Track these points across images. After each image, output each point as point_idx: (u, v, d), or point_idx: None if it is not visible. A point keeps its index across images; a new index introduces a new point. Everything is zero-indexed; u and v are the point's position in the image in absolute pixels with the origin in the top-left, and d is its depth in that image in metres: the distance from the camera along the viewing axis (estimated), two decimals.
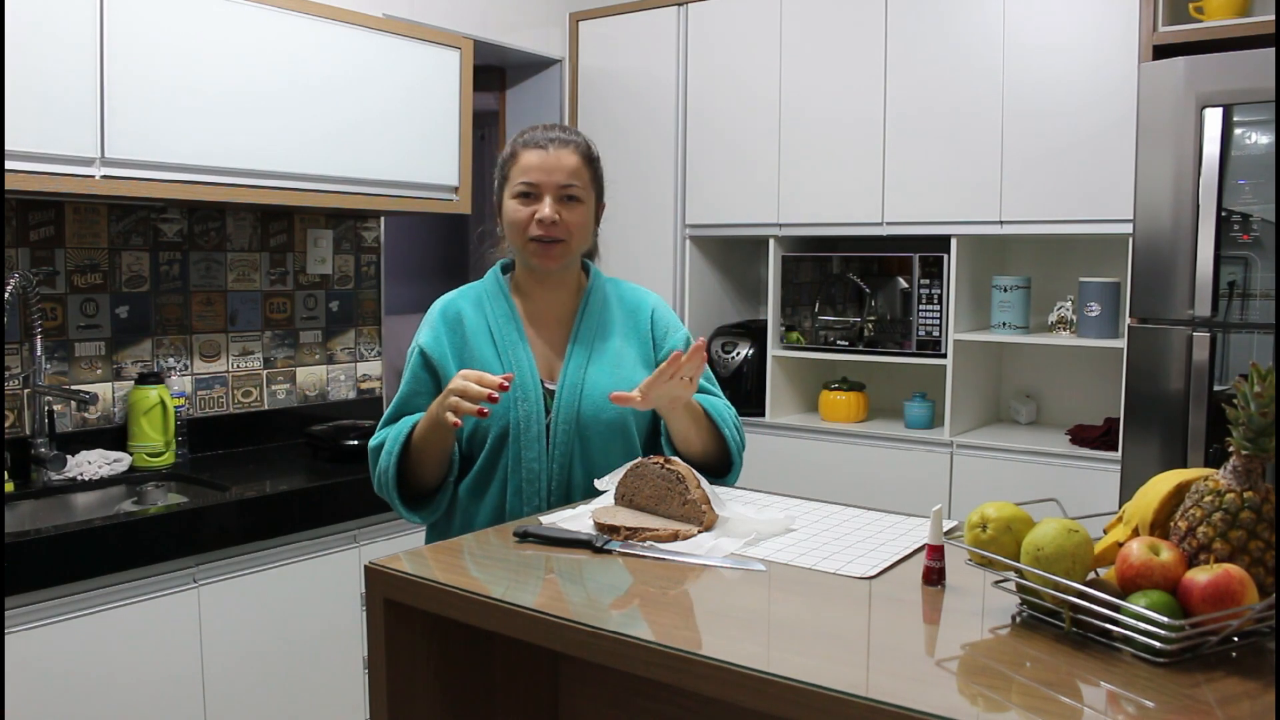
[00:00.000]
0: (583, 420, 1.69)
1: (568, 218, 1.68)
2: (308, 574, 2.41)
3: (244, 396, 2.94)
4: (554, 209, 1.67)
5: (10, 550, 1.89)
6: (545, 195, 1.67)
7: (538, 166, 1.68)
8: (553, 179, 1.67)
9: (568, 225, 1.69)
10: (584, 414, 1.69)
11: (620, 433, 1.73)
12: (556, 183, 1.68)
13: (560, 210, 1.68)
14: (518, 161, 1.70)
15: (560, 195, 1.68)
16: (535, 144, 1.69)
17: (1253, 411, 1.04)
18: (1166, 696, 0.91)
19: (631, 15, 3.69)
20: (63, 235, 2.54)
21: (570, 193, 1.69)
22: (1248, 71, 2.40)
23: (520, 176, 1.69)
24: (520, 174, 1.69)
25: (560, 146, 1.69)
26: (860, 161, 3.23)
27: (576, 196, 1.69)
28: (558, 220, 1.67)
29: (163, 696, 2.15)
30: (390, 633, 1.29)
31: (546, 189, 1.67)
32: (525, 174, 1.68)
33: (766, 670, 0.96)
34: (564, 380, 1.71)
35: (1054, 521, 1.08)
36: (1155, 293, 2.56)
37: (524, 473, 1.68)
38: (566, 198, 1.69)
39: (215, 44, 2.42)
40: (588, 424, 1.70)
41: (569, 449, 1.69)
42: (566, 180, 1.68)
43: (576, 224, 1.70)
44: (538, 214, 1.67)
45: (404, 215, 3.17)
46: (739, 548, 1.37)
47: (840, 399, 3.40)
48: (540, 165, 1.68)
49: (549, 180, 1.67)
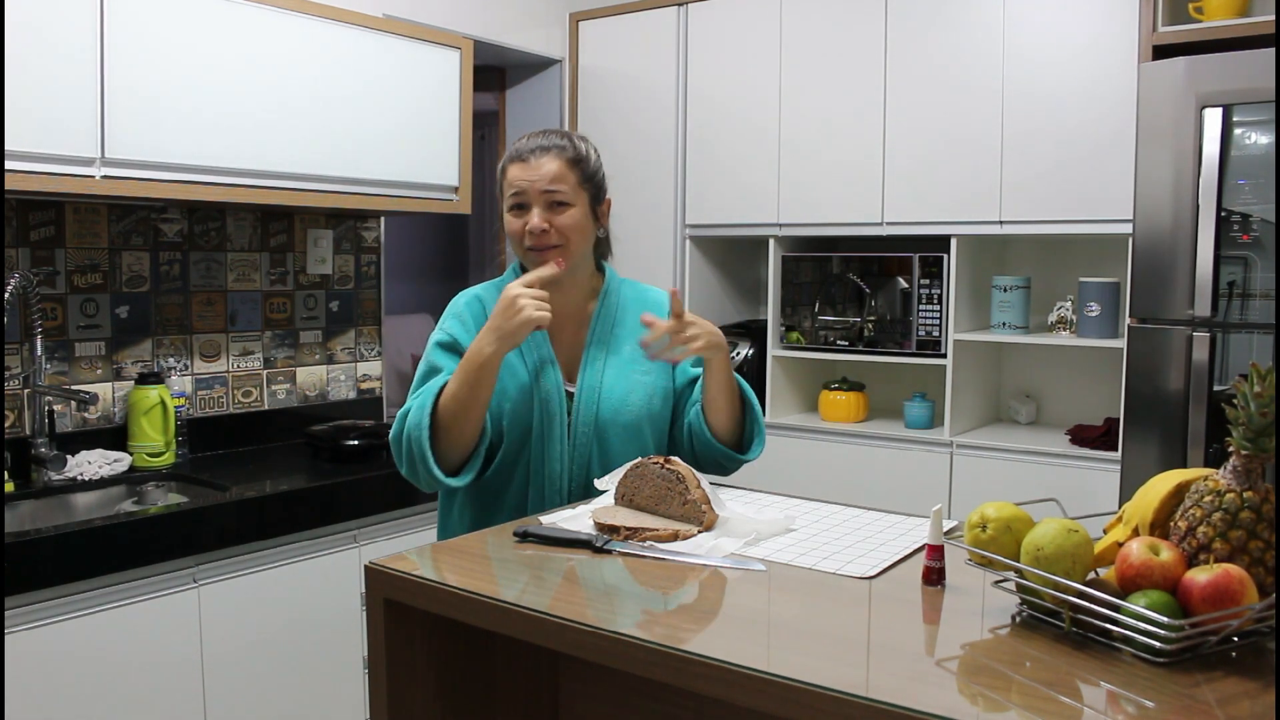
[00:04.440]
0: (601, 422, 1.74)
1: (558, 223, 1.71)
2: (308, 574, 2.41)
3: (244, 396, 2.95)
4: (542, 217, 1.70)
5: (10, 550, 1.89)
6: (533, 204, 1.71)
7: (521, 177, 1.72)
8: (536, 186, 1.71)
9: (560, 230, 1.71)
10: (602, 416, 1.74)
11: (635, 433, 1.76)
12: (540, 190, 1.71)
13: (550, 217, 1.71)
14: (506, 175, 1.75)
15: (546, 202, 1.71)
16: (518, 156, 1.74)
17: (1253, 411, 1.04)
18: (1166, 696, 0.91)
19: (631, 15, 3.69)
20: (63, 235, 2.54)
21: (556, 198, 1.71)
22: (1248, 71, 2.40)
23: (509, 189, 1.74)
24: (509, 187, 1.74)
25: (541, 154, 1.72)
26: (860, 161, 3.23)
27: (564, 200, 1.72)
28: (547, 228, 1.70)
29: (163, 696, 2.15)
30: (390, 633, 1.29)
31: (532, 198, 1.71)
32: (512, 186, 1.73)
33: (766, 670, 0.96)
34: (582, 383, 1.75)
35: (1054, 521, 1.08)
36: (1155, 293, 2.56)
37: (546, 472, 1.72)
38: (554, 204, 1.71)
39: (215, 44, 2.42)
40: (605, 426, 1.74)
41: (588, 450, 1.73)
42: (549, 187, 1.71)
43: (568, 227, 1.72)
44: (527, 224, 1.71)
45: (404, 215, 3.17)
46: (739, 548, 1.37)
47: (840, 399, 3.40)
48: (523, 176, 1.72)
49: (533, 189, 1.71)
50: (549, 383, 1.73)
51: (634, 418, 1.76)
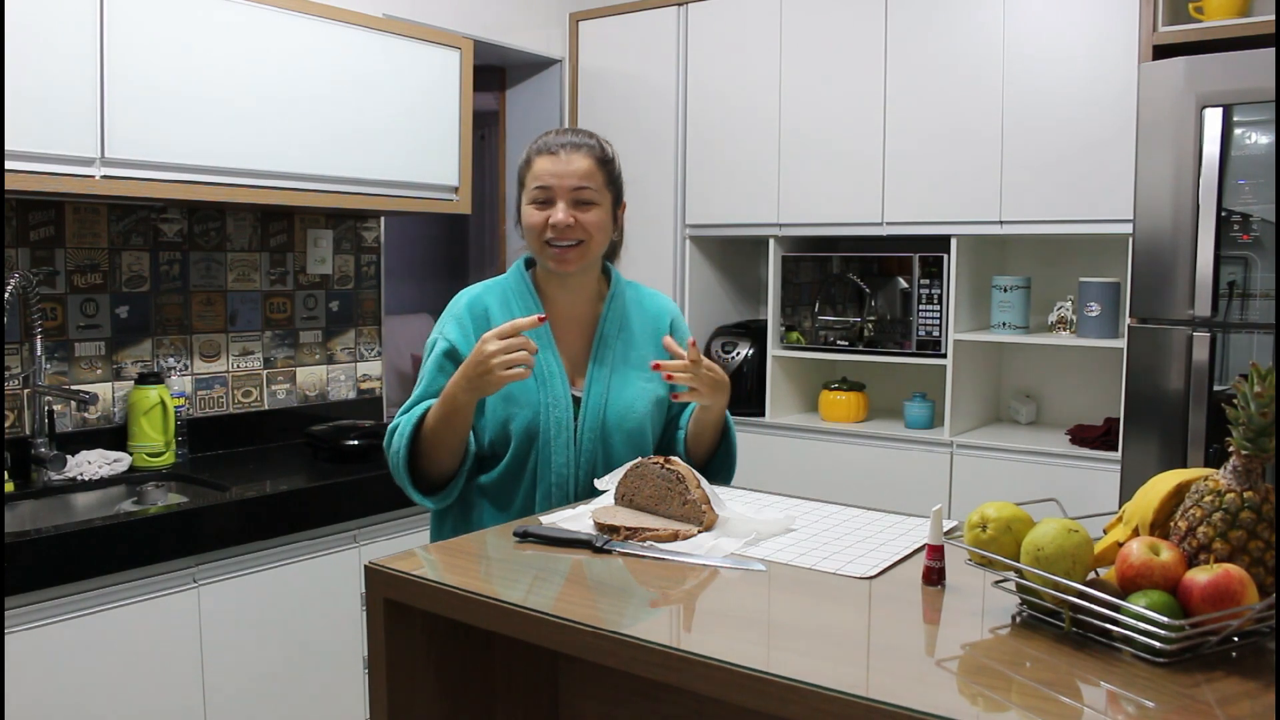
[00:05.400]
0: (608, 428, 1.74)
1: (583, 219, 1.71)
2: (308, 574, 2.41)
3: (244, 396, 2.94)
4: (568, 212, 1.70)
5: (10, 550, 1.89)
6: (558, 199, 1.71)
7: (550, 171, 1.71)
8: (565, 183, 1.70)
9: (583, 227, 1.71)
10: (609, 422, 1.74)
11: (639, 437, 1.78)
12: (569, 186, 1.70)
13: (575, 213, 1.70)
14: (532, 168, 1.74)
15: (573, 199, 1.71)
16: (548, 150, 1.73)
17: (1253, 411, 1.04)
18: (1166, 696, 0.91)
19: (631, 15, 3.69)
20: (63, 235, 2.54)
21: (583, 196, 1.71)
22: (1248, 71, 2.40)
23: (534, 182, 1.72)
24: (534, 180, 1.73)
25: (572, 150, 1.72)
26: (860, 161, 3.23)
27: (590, 199, 1.72)
28: (572, 223, 1.70)
29: (163, 696, 2.15)
30: (390, 633, 1.29)
31: (559, 193, 1.70)
32: (538, 179, 1.72)
33: (766, 670, 0.96)
34: (589, 388, 1.75)
35: (1054, 521, 1.08)
36: (1155, 293, 2.56)
37: (553, 477, 1.71)
38: (580, 201, 1.71)
39: (215, 44, 2.42)
40: (612, 431, 1.75)
41: (594, 455, 1.74)
42: (578, 183, 1.71)
43: (592, 225, 1.72)
44: (551, 218, 1.70)
45: (404, 215, 3.17)
46: (739, 548, 1.37)
47: (840, 399, 3.40)
48: (552, 170, 1.71)
49: (561, 184, 1.70)
50: (556, 390, 1.72)
51: (638, 423, 1.77)
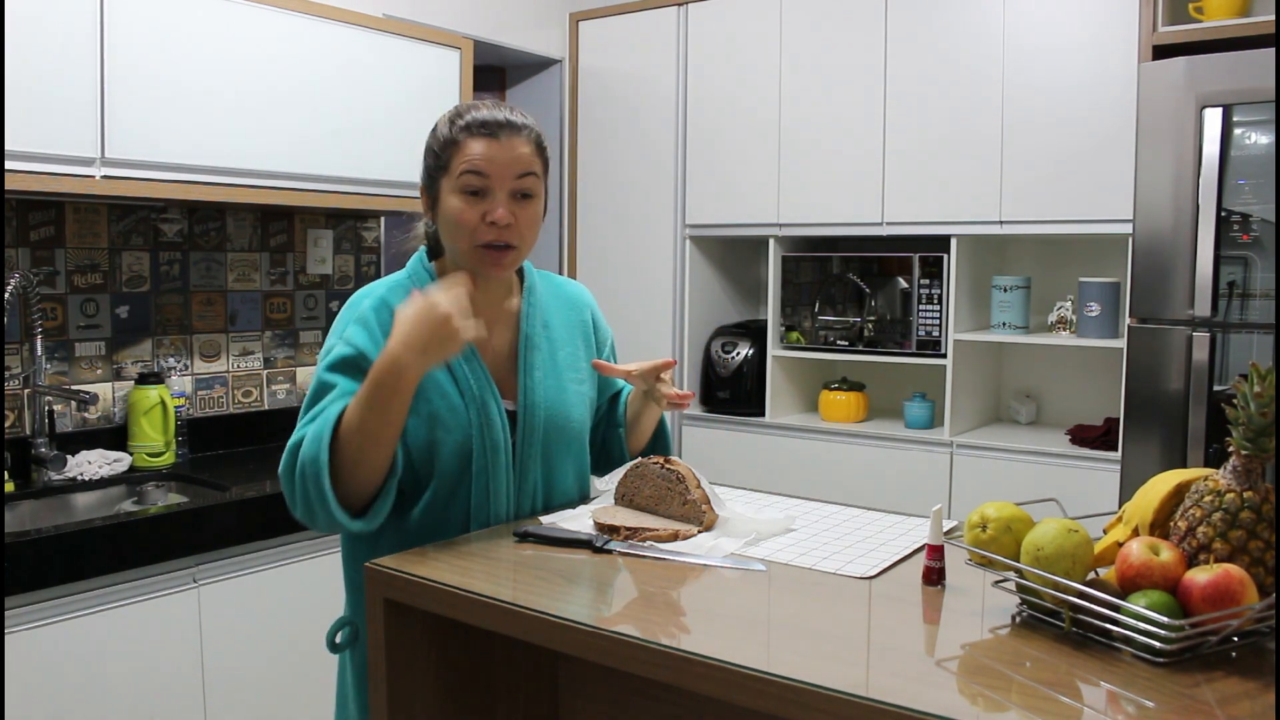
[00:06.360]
0: (549, 443, 1.55)
1: (522, 217, 1.47)
2: (308, 574, 2.41)
3: (244, 396, 2.94)
4: (509, 208, 1.45)
5: (10, 550, 1.89)
6: (497, 190, 1.44)
7: (487, 156, 1.44)
8: (507, 173, 1.44)
9: (521, 225, 1.47)
10: (548, 435, 1.54)
11: (578, 449, 1.62)
12: (511, 176, 1.45)
13: (515, 209, 1.46)
14: (461, 149, 1.45)
15: (514, 191, 1.46)
16: (484, 130, 1.45)
17: (1253, 411, 1.04)
18: (1166, 696, 0.91)
19: (631, 15, 3.69)
20: (63, 235, 2.54)
21: (525, 186, 1.47)
22: (1248, 71, 2.40)
23: (465, 167, 1.44)
24: (465, 164, 1.44)
25: (512, 134, 1.46)
26: (860, 161, 3.23)
27: (530, 190, 1.48)
28: (512, 222, 1.46)
29: (163, 696, 2.15)
30: (390, 633, 1.29)
31: (499, 183, 1.44)
32: (471, 164, 1.44)
33: (766, 670, 0.96)
34: (525, 400, 1.53)
35: (1054, 521, 1.08)
36: (1155, 293, 2.56)
37: (490, 507, 1.50)
38: (521, 193, 1.47)
39: (215, 44, 2.42)
40: (551, 445, 1.55)
41: (534, 475, 1.55)
42: (524, 171, 1.46)
43: (531, 223, 1.49)
44: (489, 215, 1.44)
45: (404, 215, 3.17)
46: (739, 548, 1.37)
47: (840, 399, 3.40)
48: (491, 155, 1.44)
49: (502, 173, 1.44)
50: (489, 406, 1.48)
51: (577, 432, 1.59)
